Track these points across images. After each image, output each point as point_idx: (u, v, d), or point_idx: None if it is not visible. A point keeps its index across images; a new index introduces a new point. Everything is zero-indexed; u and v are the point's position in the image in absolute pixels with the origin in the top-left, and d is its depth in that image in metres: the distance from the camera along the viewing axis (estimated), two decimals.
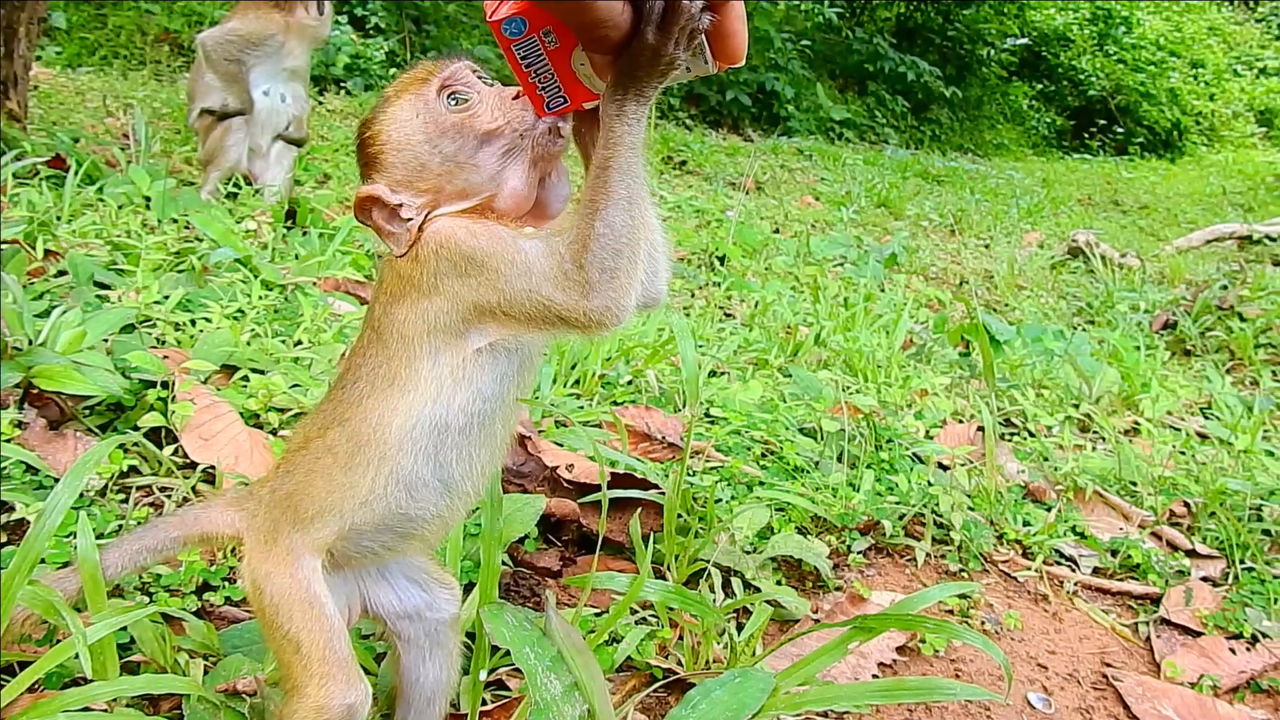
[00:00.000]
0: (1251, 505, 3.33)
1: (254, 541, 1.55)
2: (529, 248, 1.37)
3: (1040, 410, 4.24)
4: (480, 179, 1.43)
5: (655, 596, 2.11)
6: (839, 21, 18.19)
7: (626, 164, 1.33)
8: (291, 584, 1.49)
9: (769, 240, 6.97)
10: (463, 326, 1.42)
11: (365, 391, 1.47)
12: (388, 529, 1.52)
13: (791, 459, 3.21)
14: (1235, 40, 27.33)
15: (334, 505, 1.49)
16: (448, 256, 1.39)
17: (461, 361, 1.43)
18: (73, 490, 1.73)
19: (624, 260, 1.34)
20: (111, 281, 3.55)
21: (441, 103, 1.44)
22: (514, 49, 1.30)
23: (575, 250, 1.34)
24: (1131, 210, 12.99)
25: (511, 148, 1.43)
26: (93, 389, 2.63)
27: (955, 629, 2.01)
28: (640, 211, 1.35)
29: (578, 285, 1.33)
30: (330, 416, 1.52)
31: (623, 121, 1.31)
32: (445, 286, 1.40)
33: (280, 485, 1.55)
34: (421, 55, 12.03)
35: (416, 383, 1.43)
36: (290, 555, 1.50)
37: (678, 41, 1.25)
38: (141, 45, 10.60)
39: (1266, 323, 5.92)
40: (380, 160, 1.46)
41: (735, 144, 12.59)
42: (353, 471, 1.47)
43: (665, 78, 1.29)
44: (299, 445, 1.57)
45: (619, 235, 1.33)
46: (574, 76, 1.34)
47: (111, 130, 6.28)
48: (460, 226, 1.41)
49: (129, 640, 1.87)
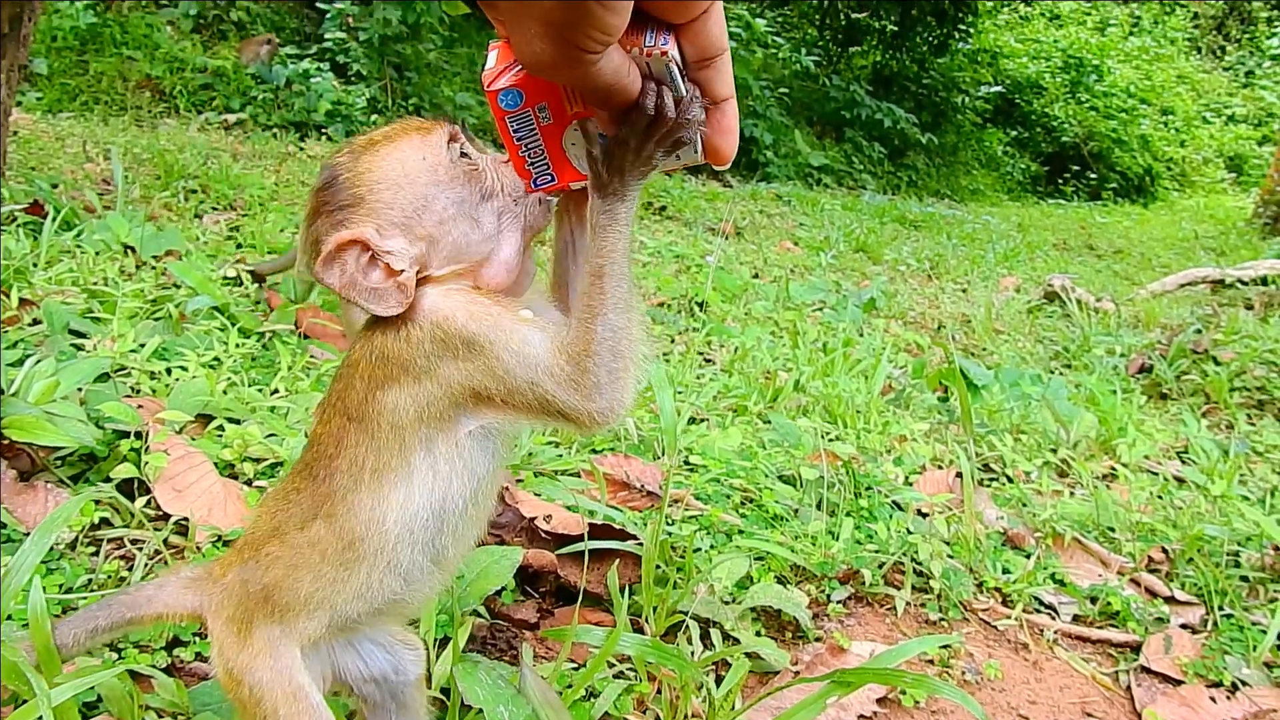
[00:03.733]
0: (1229, 551, 3.34)
1: (225, 632, 1.48)
2: (532, 338, 1.33)
3: (1018, 456, 4.25)
4: (479, 237, 1.39)
5: (632, 650, 2.09)
6: (816, 69, 18.49)
7: (620, 269, 1.31)
8: (274, 676, 1.43)
9: (748, 285, 7.00)
10: (455, 412, 1.36)
11: (349, 485, 1.39)
12: (376, 612, 1.49)
13: (771, 507, 3.20)
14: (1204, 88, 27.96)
15: (324, 600, 1.43)
16: (443, 337, 1.33)
17: (455, 445, 1.37)
18: (40, 548, 1.70)
19: (625, 361, 1.32)
20: (87, 330, 3.53)
21: (451, 151, 1.40)
22: (508, 121, 1.28)
23: (577, 352, 1.31)
24: (1106, 255, 13.14)
25: (506, 211, 1.40)
26: (65, 440, 2.59)
27: (934, 684, 2.00)
28: (634, 312, 1.34)
29: (582, 388, 1.30)
30: (310, 509, 1.43)
31: (614, 229, 1.30)
32: (439, 370, 1.33)
33: (253, 576, 1.46)
34: (403, 102, 12.15)
35: (409, 474, 1.37)
36: (269, 646, 1.44)
37: (660, 144, 1.24)
38: (123, 91, 10.64)
39: (1240, 366, 5.97)
40: (367, 201, 1.35)
41: (714, 190, 12.69)
42: (345, 568, 1.41)
43: (646, 177, 1.29)
44: (269, 533, 1.48)
45: (619, 337, 1.31)
46: (563, 155, 1.33)
47: (91, 176, 6.27)
48: (459, 306, 1.35)
49: (95, 699, 1.83)
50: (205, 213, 6.09)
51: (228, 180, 6.72)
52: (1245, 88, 28.40)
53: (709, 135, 1.28)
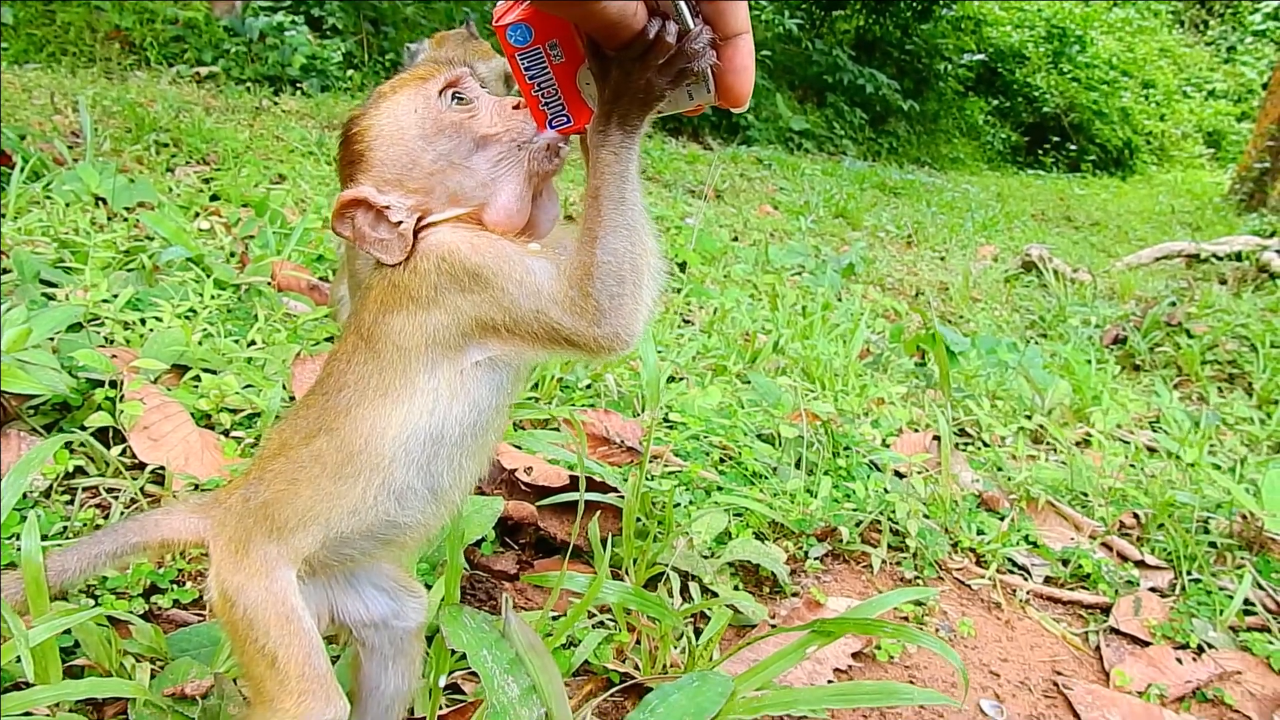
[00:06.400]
0: (1199, 518, 3.39)
1: (224, 552, 1.49)
2: (537, 267, 1.34)
3: (994, 421, 4.29)
4: (471, 184, 1.39)
5: (614, 598, 2.10)
6: (799, 33, 18.35)
7: (617, 192, 1.30)
8: (267, 596, 1.44)
9: (728, 248, 6.99)
10: (463, 341, 1.37)
11: (354, 400, 1.42)
12: (371, 536, 1.49)
13: (750, 464, 3.21)
14: (1186, 62, 28.01)
15: (319, 514, 1.45)
16: (449, 270, 1.34)
17: (459, 374, 1.39)
18: (16, 490, 1.68)
19: (629, 286, 1.31)
20: (58, 280, 3.47)
21: (443, 101, 1.40)
22: (518, 58, 1.26)
23: (579, 277, 1.31)
24: (1083, 226, 13.22)
25: (505, 157, 1.39)
26: (38, 388, 2.56)
27: (913, 633, 2.02)
28: (639, 237, 1.32)
29: (585, 312, 1.30)
30: (315, 424, 1.46)
31: (607, 149, 1.28)
32: (446, 300, 1.35)
33: (254, 494, 1.49)
34: (379, 57, 11.98)
35: (412, 394, 1.38)
36: (265, 566, 1.45)
37: (663, 74, 1.22)
38: (91, 42, 10.41)
39: (1213, 340, 6.04)
40: (367, 158, 1.40)
41: (695, 152, 12.63)
42: (342, 481, 1.43)
43: (650, 109, 1.26)
44: (275, 452, 1.51)
45: (621, 262, 1.30)
46: (578, 95, 1.30)
47: (59, 127, 6.14)
48: (462, 239, 1.36)
49: (73, 644, 1.82)
50: (178, 166, 5.99)
51: (200, 134, 6.61)
52: (1226, 63, 28.47)
53: (721, 72, 1.25)
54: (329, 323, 3.63)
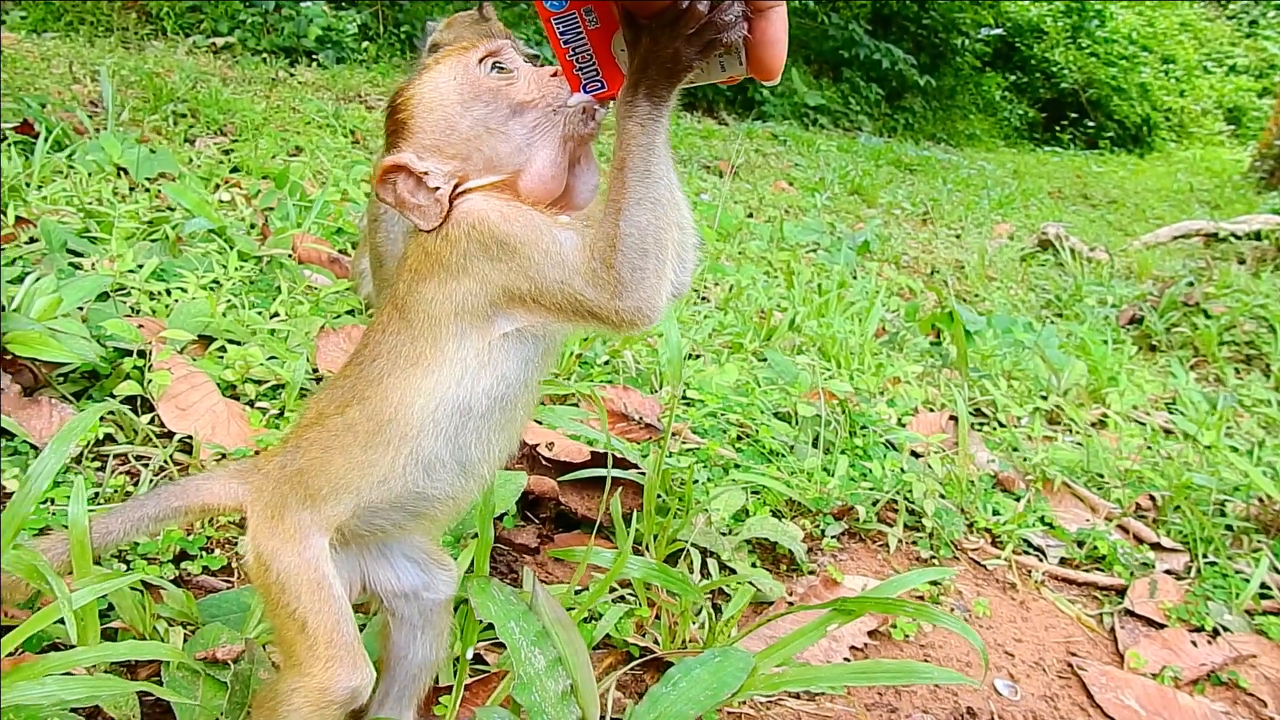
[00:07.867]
0: (1215, 500, 3.40)
1: (260, 517, 1.53)
2: (564, 239, 1.36)
3: (1010, 401, 4.29)
4: (508, 149, 1.41)
5: (638, 573, 2.13)
6: (815, 6, 18.16)
7: (642, 165, 1.31)
8: (300, 562, 1.48)
9: (743, 224, 6.98)
10: (491, 310, 1.40)
11: (386, 370, 1.45)
12: (401, 507, 1.52)
13: (767, 442, 3.23)
14: (1206, 37, 27.62)
15: (351, 483, 1.48)
16: (479, 238, 1.37)
17: (488, 345, 1.41)
18: (59, 455, 1.72)
19: (651, 260, 1.32)
20: (84, 249, 3.50)
21: (481, 69, 1.43)
22: (554, 23, 1.28)
23: (603, 249, 1.32)
24: (1100, 204, 13.12)
25: (542, 122, 1.41)
26: (69, 356, 2.60)
27: (933, 613, 2.04)
28: (664, 211, 1.33)
29: (607, 284, 1.32)
30: (349, 393, 1.49)
31: (634, 120, 1.29)
32: (475, 268, 1.38)
33: (291, 461, 1.53)
34: (394, 29, 11.92)
35: (441, 364, 1.41)
36: (299, 532, 1.49)
37: (692, 44, 1.22)
38: (109, 12, 10.39)
39: (1230, 320, 6.01)
40: (408, 125, 1.43)
41: (710, 127, 12.58)
42: (372, 450, 1.46)
43: (678, 79, 1.27)
44: (312, 420, 1.55)
45: (644, 235, 1.31)
46: (613, 61, 1.32)
47: (79, 97, 6.16)
48: (493, 208, 1.38)
49: (108, 607, 1.86)
50: (197, 137, 6.01)
51: (218, 105, 6.62)
52: (1248, 38, 28.05)
53: (753, 45, 1.25)
54: (350, 296, 3.65)
